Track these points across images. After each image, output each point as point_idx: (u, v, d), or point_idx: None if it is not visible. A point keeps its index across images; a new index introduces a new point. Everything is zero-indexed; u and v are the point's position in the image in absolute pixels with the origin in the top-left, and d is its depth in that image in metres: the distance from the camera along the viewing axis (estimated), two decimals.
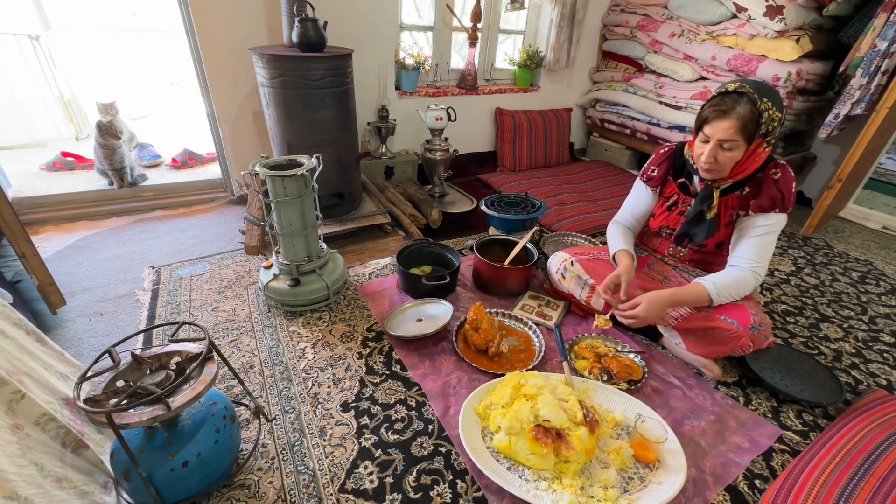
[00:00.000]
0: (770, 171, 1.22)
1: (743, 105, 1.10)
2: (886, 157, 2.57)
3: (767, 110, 1.10)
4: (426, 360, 1.40)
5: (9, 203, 1.39)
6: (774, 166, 1.22)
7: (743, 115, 1.10)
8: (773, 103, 1.10)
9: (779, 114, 1.11)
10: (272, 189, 1.45)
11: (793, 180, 1.21)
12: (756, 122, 1.11)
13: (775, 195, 1.20)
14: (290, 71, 1.79)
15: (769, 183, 1.21)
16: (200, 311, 1.60)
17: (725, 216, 1.31)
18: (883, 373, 1.49)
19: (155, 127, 3.70)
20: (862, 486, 1.00)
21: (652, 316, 1.27)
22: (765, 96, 1.10)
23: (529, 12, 3.09)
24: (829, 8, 2.30)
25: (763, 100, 1.09)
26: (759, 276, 1.24)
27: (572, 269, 1.57)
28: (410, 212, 2.28)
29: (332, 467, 1.07)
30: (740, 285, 1.24)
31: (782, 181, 1.20)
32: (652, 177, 1.45)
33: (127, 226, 2.22)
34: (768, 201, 1.21)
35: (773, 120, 1.11)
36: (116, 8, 3.93)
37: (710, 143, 1.16)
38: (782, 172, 1.21)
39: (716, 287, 1.24)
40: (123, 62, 4.00)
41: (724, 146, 1.15)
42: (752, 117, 1.10)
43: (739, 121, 1.10)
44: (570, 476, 1.01)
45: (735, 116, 1.10)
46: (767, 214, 1.23)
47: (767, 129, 1.12)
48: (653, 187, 1.46)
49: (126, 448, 0.79)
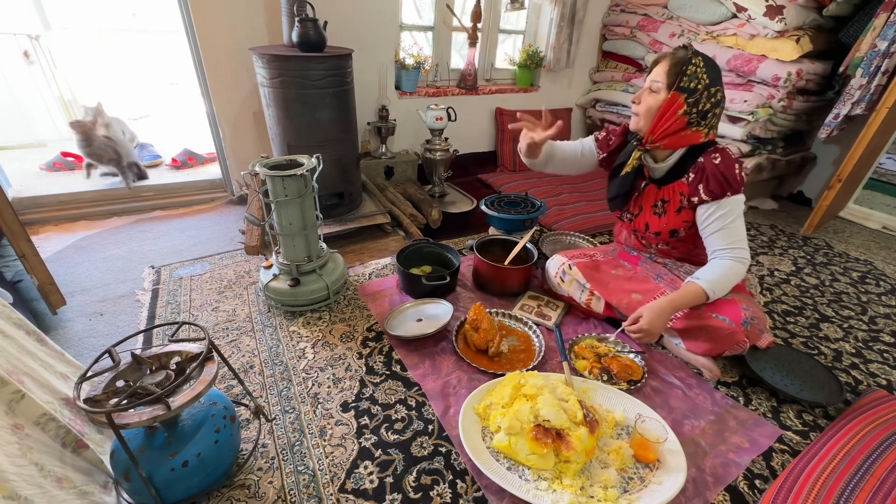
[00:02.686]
0: (711, 156, 1.25)
1: (679, 52, 1.20)
2: (886, 157, 2.57)
3: (696, 66, 1.18)
4: (426, 360, 1.40)
5: (9, 203, 1.39)
6: (714, 150, 1.26)
7: (672, 63, 1.20)
8: (707, 70, 1.18)
9: (706, 77, 1.19)
10: (272, 189, 1.45)
11: (733, 161, 1.24)
12: (680, 70, 1.18)
13: (720, 179, 1.23)
14: (290, 71, 1.79)
15: (711, 167, 1.24)
16: (200, 311, 1.60)
17: (675, 203, 1.35)
18: (883, 373, 1.49)
19: (155, 127, 3.70)
20: (862, 486, 1.00)
21: (658, 326, 1.26)
22: (704, 61, 1.19)
23: (529, 12, 3.09)
24: (829, 8, 2.30)
25: (698, 58, 1.18)
26: (744, 259, 1.26)
27: (570, 272, 1.57)
28: (410, 212, 2.28)
29: (332, 467, 1.07)
30: (730, 275, 1.25)
31: (723, 164, 1.23)
32: (604, 139, 1.50)
33: (127, 226, 2.22)
34: (717, 186, 1.24)
35: (697, 78, 1.18)
36: (116, 8, 3.93)
37: (644, 86, 1.27)
38: (721, 155, 1.24)
39: (709, 283, 1.25)
40: (123, 62, 4.00)
41: (652, 88, 1.24)
42: (678, 67, 1.18)
43: (667, 65, 1.20)
44: (570, 476, 1.01)
45: (666, 60, 1.21)
46: (720, 201, 1.25)
47: (689, 85, 1.18)
48: (599, 147, 1.51)
49: (126, 448, 0.79)
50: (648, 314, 1.26)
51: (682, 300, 1.27)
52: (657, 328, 1.26)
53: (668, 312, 1.27)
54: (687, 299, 1.27)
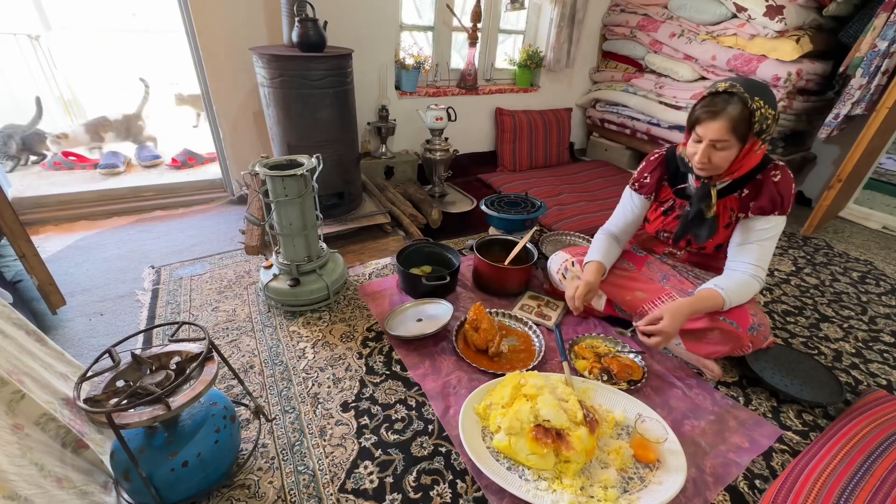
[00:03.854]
0: (770, 173, 1.21)
1: (734, 105, 1.09)
2: (886, 157, 2.57)
3: (759, 108, 1.08)
4: (426, 360, 1.40)
5: (9, 203, 1.39)
6: (774, 168, 1.22)
7: (734, 116, 1.09)
8: (764, 101, 1.09)
9: (772, 111, 1.11)
10: (272, 189, 1.45)
11: (792, 182, 1.20)
12: (748, 122, 1.10)
13: (775, 197, 1.20)
14: (290, 71, 1.79)
15: (769, 185, 1.20)
16: (200, 311, 1.60)
17: (724, 218, 1.30)
18: (883, 373, 1.49)
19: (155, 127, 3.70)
20: (862, 486, 0.99)
21: (675, 329, 1.22)
22: (756, 94, 1.09)
23: (529, 12, 3.09)
24: (829, 8, 2.30)
25: (755, 98, 1.08)
26: (760, 280, 1.23)
27: (573, 269, 1.57)
28: (410, 212, 2.28)
29: (332, 467, 1.07)
30: (747, 291, 1.24)
31: (782, 183, 1.20)
32: (644, 184, 1.44)
33: (127, 226, 2.22)
34: (768, 203, 1.20)
35: (766, 118, 1.10)
36: (116, 8, 3.93)
37: (703, 144, 1.15)
38: (782, 174, 1.20)
39: (728, 293, 1.22)
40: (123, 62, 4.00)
41: (717, 146, 1.14)
42: (743, 117, 1.09)
43: (730, 121, 1.09)
44: (570, 476, 1.01)
45: (726, 117, 1.09)
46: (767, 217, 1.22)
47: (761, 128, 1.11)
48: (645, 194, 1.45)
49: (126, 448, 0.79)
50: (670, 316, 1.20)
51: (701, 305, 1.24)
52: (675, 330, 1.23)
53: (686, 315, 1.23)
54: (706, 305, 1.24)
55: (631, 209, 1.48)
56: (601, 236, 1.51)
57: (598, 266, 1.44)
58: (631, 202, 1.48)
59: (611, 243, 1.49)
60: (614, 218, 1.53)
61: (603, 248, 1.47)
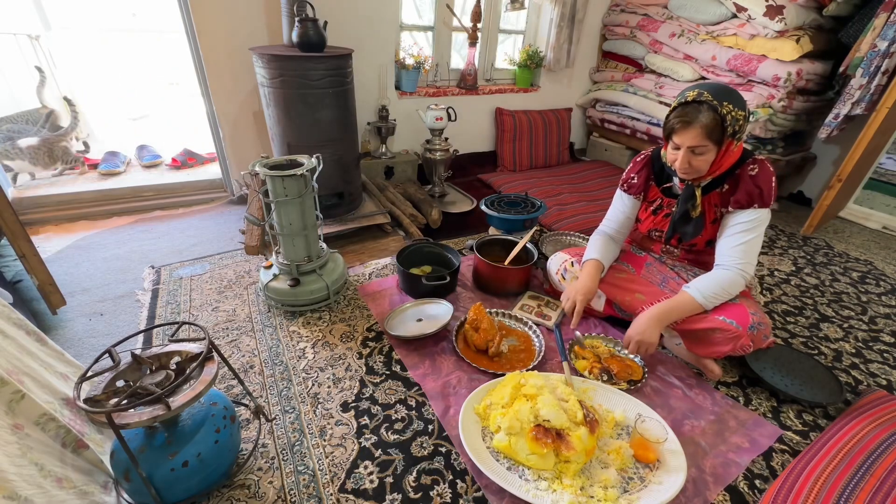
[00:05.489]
0: (747, 168, 1.24)
1: (704, 113, 1.13)
2: (886, 157, 2.57)
3: (729, 112, 1.13)
4: (426, 360, 1.40)
5: (9, 203, 1.39)
6: (752, 162, 1.24)
7: (706, 123, 1.13)
8: (733, 104, 1.14)
9: (742, 112, 1.15)
10: (272, 189, 1.45)
11: (771, 174, 1.22)
12: (721, 126, 1.14)
13: (752, 191, 1.22)
14: (290, 71, 1.79)
15: (746, 179, 1.23)
16: (200, 311, 1.60)
17: (710, 214, 1.34)
18: (883, 373, 1.49)
19: (155, 127, 3.70)
20: (862, 486, 1.00)
21: (649, 335, 1.27)
22: (724, 100, 1.13)
23: (529, 12, 3.09)
24: (829, 8, 2.30)
25: (723, 104, 1.13)
26: (746, 273, 1.25)
27: (573, 269, 1.57)
28: (410, 212, 2.28)
29: (332, 467, 1.07)
30: (728, 286, 1.25)
31: (759, 176, 1.22)
32: (633, 184, 1.47)
33: (127, 226, 2.22)
34: (745, 197, 1.23)
35: (737, 120, 1.15)
36: (116, 8, 3.93)
37: (682, 150, 1.20)
38: (760, 167, 1.23)
39: (701, 294, 1.25)
40: (123, 62, 4.00)
41: (696, 151, 1.18)
42: (715, 123, 1.13)
43: (704, 128, 1.14)
44: (570, 476, 1.01)
45: (699, 125, 1.14)
46: (746, 211, 1.24)
47: (734, 129, 1.15)
48: (634, 194, 1.48)
49: (126, 448, 0.79)
50: (635, 326, 1.29)
51: (672, 309, 1.28)
52: (649, 336, 1.27)
53: (656, 321, 1.27)
54: (679, 308, 1.28)
55: (622, 209, 1.51)
56: (597, 237, 1.53)
57: (596, 265, 1.45)
58: (622, 203, 1.51)
59: (607, 242, 1.51)
60: (608, 219, 1.56)
61: (600, 247, 1.49)
